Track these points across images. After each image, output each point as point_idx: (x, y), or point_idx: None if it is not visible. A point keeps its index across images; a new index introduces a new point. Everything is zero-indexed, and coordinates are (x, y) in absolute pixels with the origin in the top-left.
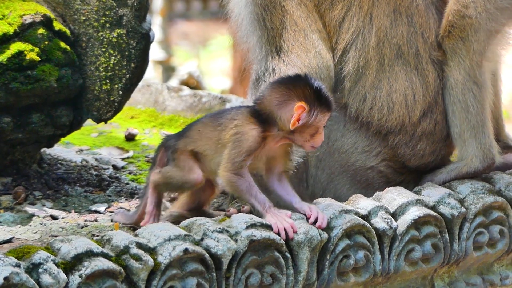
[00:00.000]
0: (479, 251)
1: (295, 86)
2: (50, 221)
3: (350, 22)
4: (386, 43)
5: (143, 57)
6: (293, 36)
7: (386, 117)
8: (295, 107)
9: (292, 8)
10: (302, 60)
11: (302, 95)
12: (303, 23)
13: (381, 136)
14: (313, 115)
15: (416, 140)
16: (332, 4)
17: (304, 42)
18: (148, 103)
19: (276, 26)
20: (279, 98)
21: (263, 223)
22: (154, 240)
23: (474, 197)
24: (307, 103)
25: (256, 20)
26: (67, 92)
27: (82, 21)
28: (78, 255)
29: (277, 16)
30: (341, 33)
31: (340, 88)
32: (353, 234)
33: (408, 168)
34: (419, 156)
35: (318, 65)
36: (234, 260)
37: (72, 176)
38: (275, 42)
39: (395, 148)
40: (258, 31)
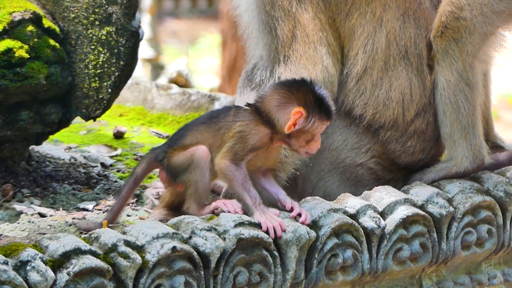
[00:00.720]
0: (467, 251)
1: (297, 90)
2: (38, 218)
3: (363, 28)
4: (395, 45)
5: (132, 55)
6: (303, 48)
7: (381, 113)
8: (293, 112)
9: (306, 21)
10: (309, 72)
11: (303, 100)
12: (315, 36)
13: (371, 132)
14: (310, 122)
15: (407, 137)
16: (348, 15)
17: (313, 55)
18: (137, 101)
19: (287, 36)
20: (279, 100)
21: (252, 222)
22: (142, 238)
23: (462, 197)
24: (306, 109)
25: (267, 27)
26: (56, 89)
27: (72, 18)
28: (66, 253)
29: (289, 27)
30: (354, 39)
31: (339, 85)
32: (341, 233)
33: (397, 165)
34: (409, 152)
35: (324, 79)
36: (222, 259)
37: (60, 174)
38: (284, 51)
39: (385, 143)
40: (268, 38)
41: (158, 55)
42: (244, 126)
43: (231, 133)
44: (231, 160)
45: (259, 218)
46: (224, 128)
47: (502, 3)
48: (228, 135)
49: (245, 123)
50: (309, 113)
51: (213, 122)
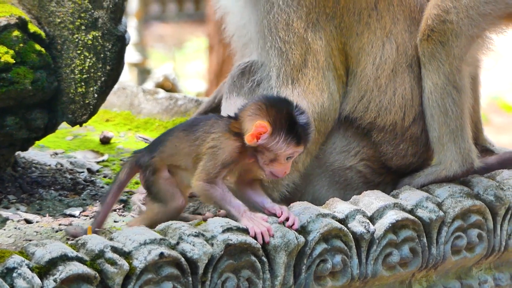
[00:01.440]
0: (458, 255)
1: (272, 106)
2: (24, 225)
3: (372, 44)
4: (404, 55)
5: (119, 60)
6: (312, 73)
7: (382, 117)
8: (256, 123)
9: (318, 48)
10: (316, 98)
11: (273, 116)
12: (324, 62)
13: (360, 135)
14: (275, 140)
15: (400, 140)
16: (358, 35)
17: (321, 81)
18: (124, 106)
19: (298, 61)
20: (253, 111)
21: (240, 227)
22: (130, 244)
23: (452, 201)
24: (273, 125)
25: (279, 50)
26: (42, 94)
27: (57, 23)
28: (52, 259)
29: (301, 52)
30: (362, 56)
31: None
32: (330, 238)
33: (387, 168)
34: (400, 155)
35: (329, 107)
36: (210, 265)
37: (46, 180)
38: (293, 75)
39: (377, 145)
40: (278, 60)
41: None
42: (215, 140)
43: (204, 148)
44: (205, 180)
45: (247, 223)
46: (200, 139)
47: (488, 5)
48: (202, 149)
49: (217, 136)
50: (274, 130)
51: (192, 130)
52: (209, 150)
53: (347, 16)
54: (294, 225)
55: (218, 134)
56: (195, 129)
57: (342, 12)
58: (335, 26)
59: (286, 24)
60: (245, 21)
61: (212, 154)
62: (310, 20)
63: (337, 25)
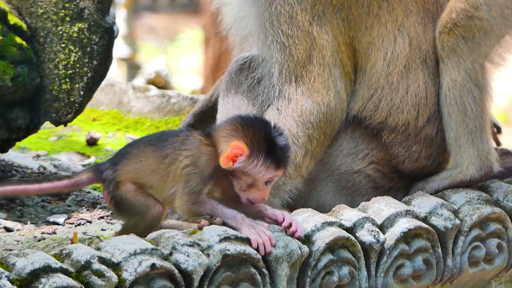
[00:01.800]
0: (475, 267)
1: (249, 126)
2: (4, 233)
3: (383, 38)
4: (417, 50)
5: (106, 54)
6: (317, 70)
7: (394, 116)
8: (231, 144)
9: (324, 42)
10: (322, 97)
11: (250, 137)
12: (330, 58)
13: (369, 136)
14: (252, 164)
15: (412, 141)
16: (368, 28)
17: (327, 78)
18: (112, 104)
19: (302, 56)
20: (228, 132)
21: (238, 236)
22: (118, 255)
23: (469, 208)
24: (250, 147)
25: (281, 45)
26: (23, 92)
27: (40, 14)
28: (34, 271)
29: (306, 47)
30: (372, 51)
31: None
32: (336, 248)
33: (399, 172)
34: (413, 158)
35: (336, 106)
36: (206, 277)
37: None
38: (297, 71)
39: (388, 146)
40: (280, 56)
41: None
42: (190, 159)
43: (178, 168)
44: (189, 202)
45: (248, 233)
46: (170, 157)
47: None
48: (176, 170)
49: (190, 154)
50: (252, 153)
51: (160, 146)
52: (185, 170)
53: (355, 7)
54: (297, 232)
55: (191, 151)
56: (163, 144)
57: (350, 3)
58: (342, 19)
59: (290, 16)
60: (244, 13)
61: (190, 175)
62: (315, 13)
63: (344, 17)
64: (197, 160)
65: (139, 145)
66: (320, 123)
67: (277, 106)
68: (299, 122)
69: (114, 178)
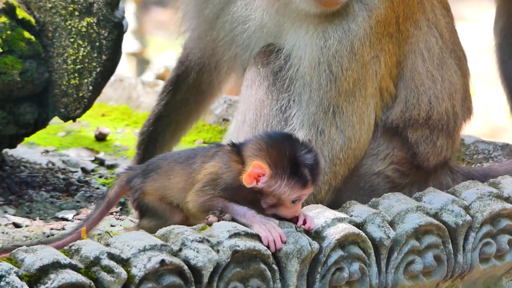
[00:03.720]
0: (486, 264)
1: (273, 146)
2: (12, 229)
3: (419, 40)
4: (448, 42)
5: (115, 49)
6: (357, 103)
7: (437, 108)
8: (253, 164)
9: (374, 74)
10: (354, 132)
11: (274, 157)
12: (373, 89)
13: (389, 135)
14: (276, 184)
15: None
16: (409, 38)
17: (364, 111)
18: (121, 99)
19: (348, 88)
20: (253, 151)
21: (248, 232)
22: (128, 251)
23: (480, 204)
24: (273, 168)
25: (332, 76)
26: (32, 87)
27: (48, 8)
28: (43, 267)
29: (356, 79)
30: (411, 56)
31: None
32: (347, 244)
33: (416, 168)
34: (437, 153)
35: (364, 141)
36: (216, 273)
37: (37, 180)
38: (337, 102)
39: (413, 145)
40: (326, 85)
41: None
42: (216, 168)
43: (202, 174)
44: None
45: (259, 230)
46: (197, 170)
47: None
48: (199, 175)
49: (219, 165)
50: (275, 173)
51: (189, 164)
52: (208, 176)
53: (404, 24)
54: (310, 226)
55: (220, 163)
56: (192, 161)
57: (399, 21)
58: (393, 43)
59: (350, 50)
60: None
61: (211, 180)
62: (375, 45)
63: (395, 40)
64: (224, 173)
65: (170, 161)
66: (348, 159)
67: (308, 136)
68: (327, 157)
69: (141, 188)
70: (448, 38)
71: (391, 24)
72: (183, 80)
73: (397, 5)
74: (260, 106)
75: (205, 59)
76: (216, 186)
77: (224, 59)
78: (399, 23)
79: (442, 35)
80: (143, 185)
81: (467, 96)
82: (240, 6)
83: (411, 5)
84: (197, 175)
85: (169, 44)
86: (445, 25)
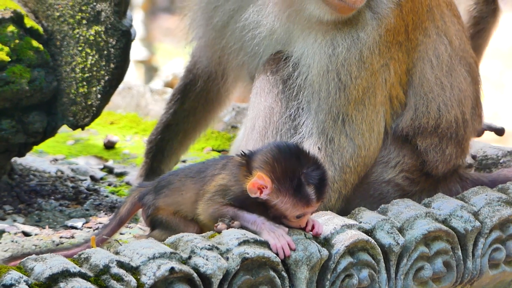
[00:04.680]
0: (496, 269)
1: (280, 161)
2: (22, 238)
3: (428, 48)
4: (457, 49)
5: (124, 57)
6: (367, 111)
7: (445, 116)
8: (257, 174)
9: (383, 82)
10: (364, 140)
11: (279, 173)
12: (382, 95)
13: (400, 142)
14: (278, 199)
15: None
16: (418, 46)
17: (374, 119)
18: (130, 107)
19: (357, 96)
20: (260, 163)
21: (257, 239)
22: (137, 259)
23: (489, 210)
24: (276, 184)
25: (341, 84)
26: (40, 95)
27: (56, 17)
28: (53, 276)
29: (365, 87)
30: (420, 64)
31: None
32: (356, 251)
33: (426, 176)
34: (446, 161)
35: (374, 149)
36: (225, 280)
37: (46, 189)
38: (347, 110)
39: (422, 153)
40: (335, 93)
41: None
42: (226, 180)
43: (211, 185)
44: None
45: (267, 237)
46: (207, 183)
47: None
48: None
49: (228, 177)
50: (279, 189)
51: (200, 178)
52: (217, 187)
53: (413, 32)
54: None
55: (230, 175)
56: (203, 175)
57: (408, 30)
58: (402, 52)
59: (359, 59)
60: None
61: (221, 191)
62: (384, 54)
63: (404, 49)
64: (234, 185)
65: (181, 177)
66: (357, 167)
67: (317, 144)
68: (337, 165)
69: (154, 205)
70: (457, 45)
71: (400, 32)
72: (191, 88)
73: (406, 14)
74: (269, 114)
75: (212, 68)
76: (225, 196)
77: (231, 67)
78: (408, 32)
79: (451, 42)
80: (156, 201)
81: (478, 103)
82: (252, 12)
83: (420, 14)
84: (207, 186)
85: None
86: (455, 32)
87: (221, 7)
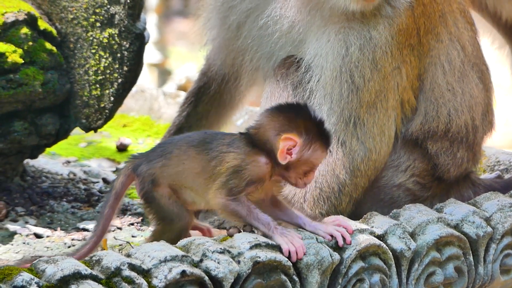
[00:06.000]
0: (507, 275)
1: (296, 116)
2: (33, 239)
3: (440, 53)
4: (470, 55)
5: (137, 60)
6: (378, 114)
7: (456, 121)
8: (281, 139)
9: (395, 85)
10: (375, 143)
11: (302, 126)
12: (393, 99)
13: (410, 146)
14: (309, 150)
15: (456, 148)
16: (429, 50)
17: (385, 123)
18: (142, 110)
19: (369, 99)
20: (278, 128)
21: (269, 243)
22: (149, 261)
23: (501, 215)
24: (303, 136)
25: (354, 87)
26: (53, 97)
27: (70, 19)
28: (64, 278)
29: (377, 90)
30: (432, 68)
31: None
32: (367, 256)
33: (438, 180)
34: (458, 164)
35: (385, 153)
36: (237, 284)
37: (58, 191)
38: (359, 113)
39: (433, 157)
40: (347, 96)
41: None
42: (239, 160)
43: (223, 167)
44: (228, 197)
45: (280, 241)
46: (217, 159)
47: None
48: (221, 169)
49: (240, 156)
50: (306, 140)
51: (205, 149)
52: (231, 169)
53: (425, 37)
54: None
55: (242, 154)
56: (208, 147)
57: (421, 34)
58: (415, 56)
59: (372, 61)
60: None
61: (235, 173)
62: (397, 57)
63: (416, 53)
64: (248, 165)
65: (181, 145)
66: (368, 171)
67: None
68: (348, 169)
69: (150, 175)
70: (470, 51)
71: (412, 35)
72: (205, 91)
73: (418, 17)
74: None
75: (226, 70)
76: (241, 180)
77: (245, 70)
78: (420, 35)
79: (464, 48)
80: (152, 171)
81: (489, 110)
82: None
83: (432, 18)
84: (218, 166)
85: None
86: (468, 38)
87: (237, 6)
